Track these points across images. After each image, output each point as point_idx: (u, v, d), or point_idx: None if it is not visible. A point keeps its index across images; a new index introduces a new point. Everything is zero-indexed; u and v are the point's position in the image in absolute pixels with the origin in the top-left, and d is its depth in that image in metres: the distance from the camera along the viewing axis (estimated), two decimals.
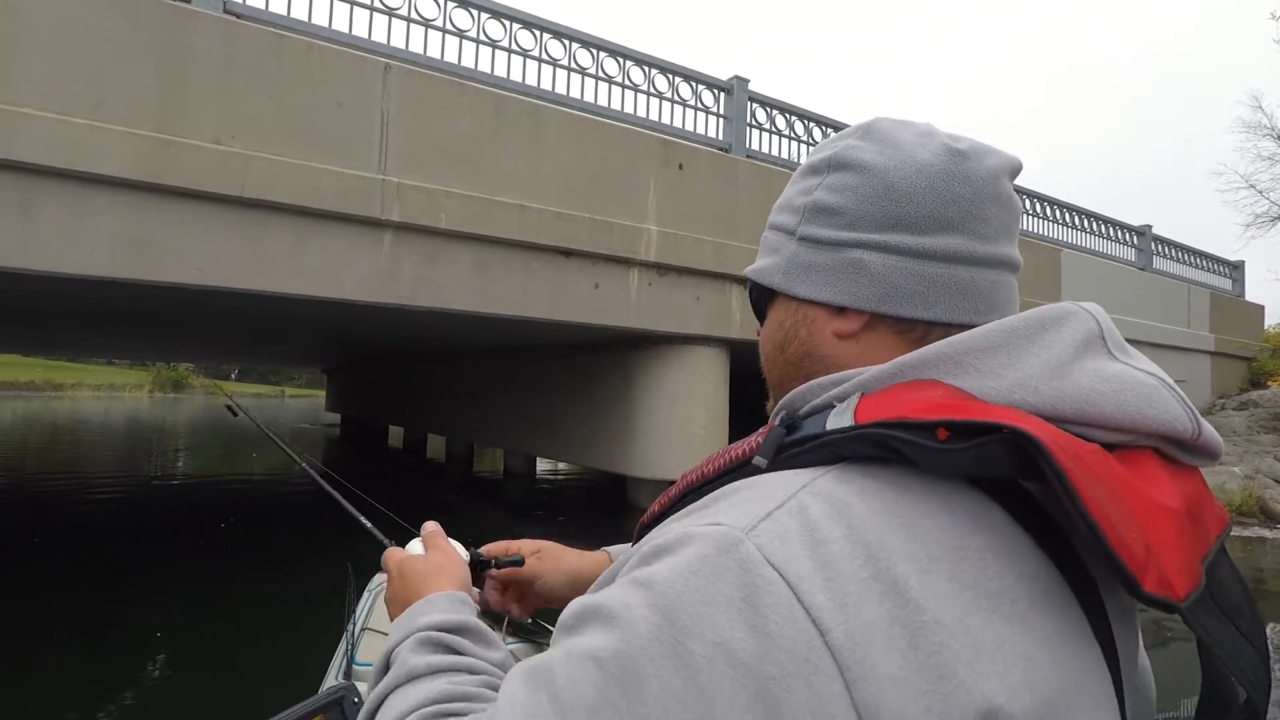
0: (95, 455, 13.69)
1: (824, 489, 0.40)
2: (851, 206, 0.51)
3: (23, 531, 6.07)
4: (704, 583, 0.36)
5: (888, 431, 0.40)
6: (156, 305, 6.16)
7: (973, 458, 0.38)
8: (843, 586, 0.36)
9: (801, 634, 0.34)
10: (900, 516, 0.38)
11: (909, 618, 0.35)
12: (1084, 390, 0.42)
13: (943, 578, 0.37)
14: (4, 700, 2.98)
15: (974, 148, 0.51)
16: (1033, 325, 0.44)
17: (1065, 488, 0.36)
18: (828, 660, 0.34)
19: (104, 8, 3.67)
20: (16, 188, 3.47)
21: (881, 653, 0.34)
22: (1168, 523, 0.39)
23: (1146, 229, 11.49)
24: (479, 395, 10.45)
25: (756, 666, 0.34)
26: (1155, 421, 0.42)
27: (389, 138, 4.50)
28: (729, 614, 0.35)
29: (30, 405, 30.47)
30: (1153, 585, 0.36)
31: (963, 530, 0.39)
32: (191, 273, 3.93)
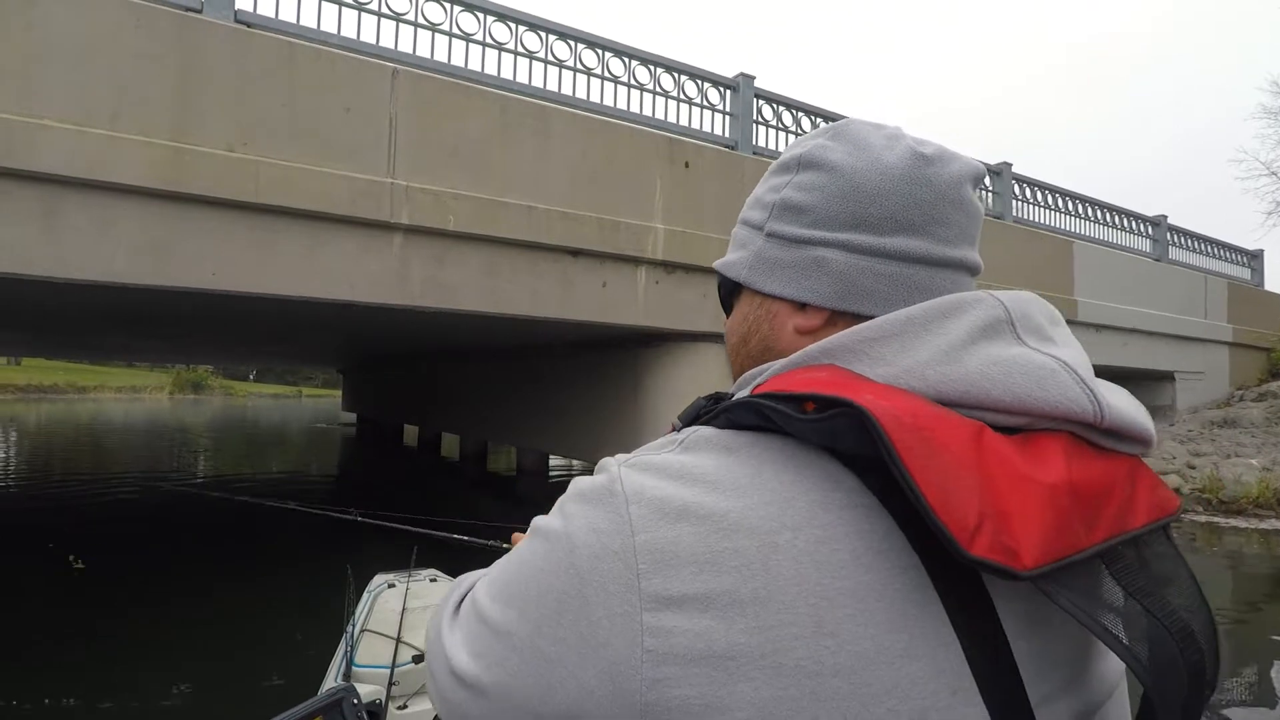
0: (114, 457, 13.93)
1: (693, 438, 0.45)
2: (817, 205, 0.53)
3: (40, 535, 6.18)
4: (581, 490, 0.45)
5: (762, 401, 0.44)
6: (175, 309, 6.30)
7: (825, 428, 0.41)
8: (667, 505, 0.41)
9: (618, 532, 0.41)
10: (747, 465, 0.42)
11: (715, 543, 0.39)
12: (971, 374, 0.43)
13: (764, 518, 0.40)
14: (6, 698, 3.02)
15: (939, 153, 0.53)
16: (930, 314, 0.46)
17: (889, 454, 0.38)
18: (629, 553, 0.40)
19: (120, 21, 3.76)
20: (39, 198, 3.58)
21: (678, 559, 0.40)
22: (1034, 496, 0.39)
23: (1162, 219, 11.37)
24: (491, 393, 10.55)
25: (579, 545, 0.42)
26: (1046, 403, 0.43)
27: (397, 141, 4.58)
28: (582, 509, 0.44)
29: (55, 407, 31.02)
30: (983, 549, 0.37)
31: (803, 486, 0.41)
32: (207, 277, 4.02)
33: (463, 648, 0.47)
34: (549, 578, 0.43)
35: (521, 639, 0.43)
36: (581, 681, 0.41)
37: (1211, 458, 9.28)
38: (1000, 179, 8.96)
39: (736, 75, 6.54)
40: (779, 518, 0.40)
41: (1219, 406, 11.38)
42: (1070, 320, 8.98)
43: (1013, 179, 9.07)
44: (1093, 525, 0.41)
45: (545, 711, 0.42)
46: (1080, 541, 0.40)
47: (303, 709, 0.86)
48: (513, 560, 0.47)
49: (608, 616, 0.40)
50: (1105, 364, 9.80)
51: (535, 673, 0.42)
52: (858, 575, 0.39)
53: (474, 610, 0.48)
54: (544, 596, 0.43)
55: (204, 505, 8.37)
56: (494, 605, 0.46)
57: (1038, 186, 9.48)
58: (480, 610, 0.47)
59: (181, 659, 3.52)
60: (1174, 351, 10.95)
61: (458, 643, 0.48)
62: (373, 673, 1.92)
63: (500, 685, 0.44)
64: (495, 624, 0.45)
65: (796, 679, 0.38)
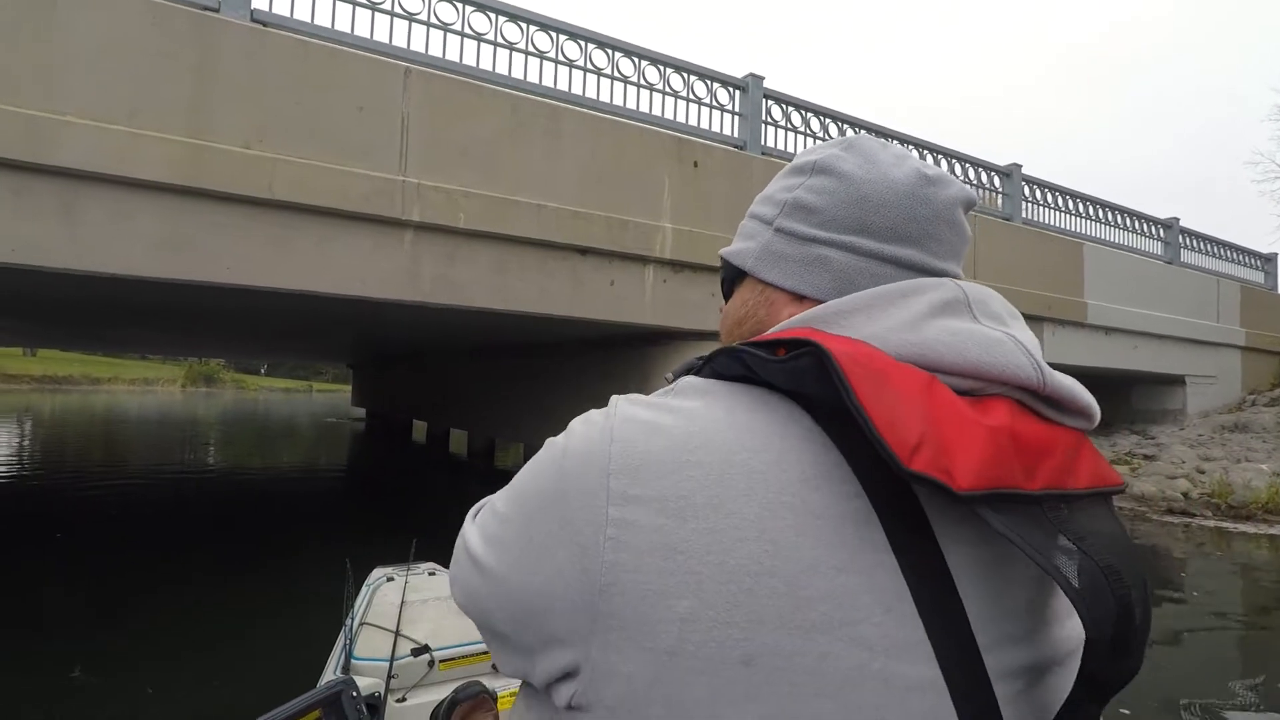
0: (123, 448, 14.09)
1: (681, 385, 0.51)
2: (827, 208, 0.57)
3: (45, 526, 6.23)
4: (588, 415, 0.51)
5: (740, 347, 0.50)
6: (189, 303, 6.39)
7: (791, 369, 0.46)
8: (644, 425, 0.47)
9: (601, 440, 0.47)
10: (721, 402, 0.48)
11: (679, 456, 0.45)
12: (929, 340, 0.48)
13: (727, 441, 0.45)
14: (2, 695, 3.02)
15: (939, 176, 0.58)
16: (896, 291, 0.52)
17: (839, 379, 0.43)
18: (604, 459, 0.46)
19: (139, 20, 3.84)
20: (60, 192, 3.66)
21: (648, 467, 0.45)
22: (974, 431, 0.43)
23: (1174, 221, 11.30)
24: (499, 390, 10.61)
25: (568, 452, 0.49)
26: (994, 367, 0.47)
27: (409, 140, 4.64)
28: (580, 428, 0.50)
29: (69, 398, 31.37)
30: (921, 465, 0.41)
31: (766, 420, 0.47)
32: (222, 272, 4.10)
33: (479, 535, 0.55)
34: (543, 477, 0.50)
35: (518, 526, 0.50)
36: (557, 562, 0.46)
37: (1221, 462, 9.23)
38: (1010, 180, 8.93)
39: (746, 76, 6.57)
40: (739, 440, 0.45)
41: (1230, 411, 11.30)
42: (1079, 323, 8.99)
43: (1022, 180, 9.04)
44: (1031, 474, 0.44)
45: (530, 588, 0.48)
46: (1018, 480, 0.43)
47: (301, 702, 0.88)
48: (525, 468, 0.54)
49: (581, 508, 0.46)
50: (1115, 367, 9.75)
51: (525, 554, 0.49)
52: (804, 494, 0.44)
53: (490, 507, 0.56)
54: (539, 493, 0.50)
55: (203, 497, 8.45)
56: (503, 500, 0.54)
57: (1047, 188, 9.44)
58: (494, 505, 0.55)
59: (178, 651, 3.53)
60: (1185, 355, 10.89)
61: (475, 533, 0.55)
62: (372, 665, 1.94)
63: (501, 564, 0.51)
64: (501, 515, 0.53)
65: (737, 576, 0.42)
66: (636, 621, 0.43)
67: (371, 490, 9.84)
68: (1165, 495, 8.47)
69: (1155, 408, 11.35)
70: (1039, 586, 0.49)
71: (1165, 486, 8.60)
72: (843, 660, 0.42)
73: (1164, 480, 8.74)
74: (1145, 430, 11.02)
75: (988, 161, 8.76)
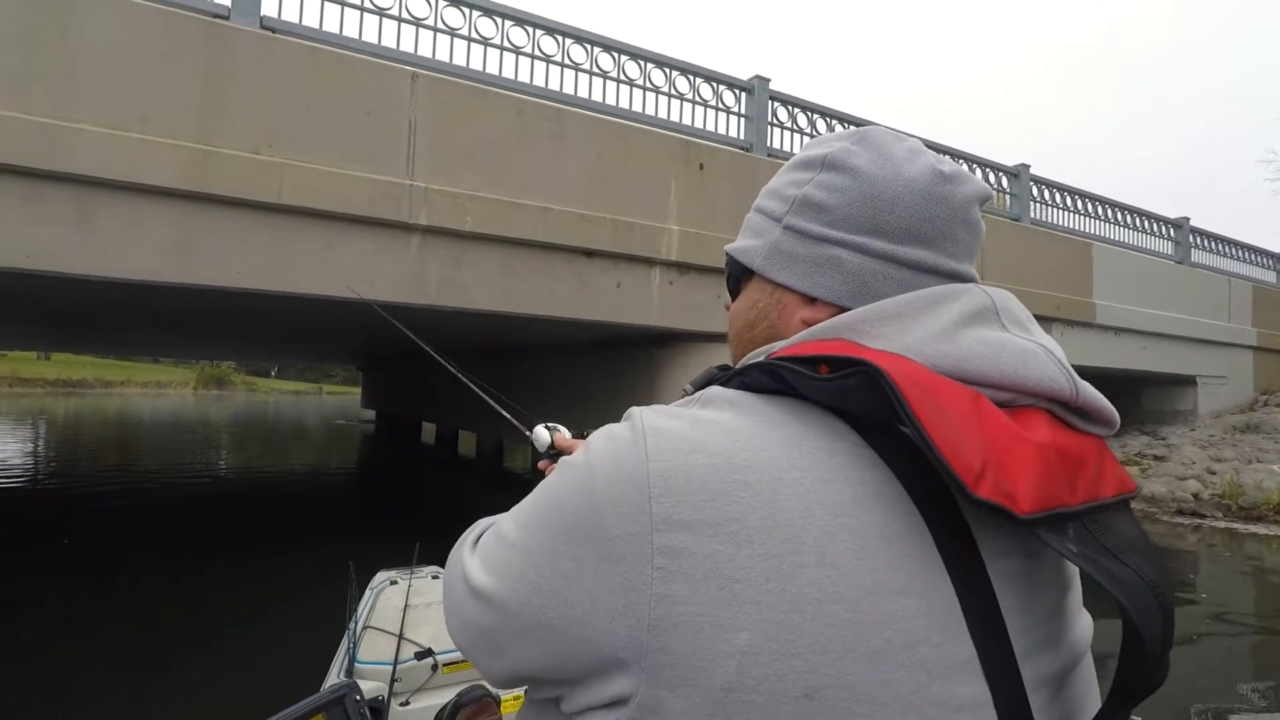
0: (135, 451, 14.21)
1: (712, 392, 0.50)
2: (838, 206, 0.55)
3: (55, 531, 6.22)
4: (607, 429, 0.50)
5: (778, 363, 0.48)
6: (200, 306, 6.45)
7: (838, 387, 0.45)
8: (682, 442, 0.44)
9: (635, 459, 0.45)
10: (759, 415, 0.46)
11: (725, 475, 0.43)
12: (964, 351, 0.47)
13: (775, 458, 0.43)
14: (3, 696, 3.03)
15: (956, 172, 0.56)
16: (926, 299, 0.50)
17: (900, 404, 0.42)
18: (643, 479, 0.43)
19: (150, 28, 3.89)
20: (74, 198, 3.71)
21: (689, 486, 0.42)
22: (1027, 451, 0.43)
23: (1184, 221, 11.23)
24: (507, 392, 10.61)
25: (598, 472, 0.46)
26: (1029, 380, 0.47)
27: (416, 144, 4.67)
28: (605, 444, 0.47)
29: (83, 401, 31.67)
30: (986, 491, 0.40)
31: (811, 434, 0.45)
32: (232, 275, 4.14)
33: (482, 567, 0.51)
34: (568, 502, 0.47)
35: (542, 556, 0.47)
36: (596, 596, 0.43)
37: (1232, 463, 9.16)
38: (1018, 180, 8.90)
39: (752, 78, 6.58)
40: (787, 458, 0.43)
41: (1242, 411, 11.21)
42: (1088, 323, 8.95)
43: (1030, 180, 9.01)
44: (1074, 487, 0.45)
45: (560, 624, 0.45)
46: (1066, 497, 0.44)
47: (305, 705, 0.87)
48: (538, 491, 0.51)
49: (621, 535, 0.43)
50: (1124, 367, 9.69)
51: (553, 587, 0.46)
52: (859, 515, 0.43)
53: (496, 535, 0.52)
54: (564, 518, 0.47)
55: (212, 500, 8.50)
56: (517, 528, 0.50)
57: (1056, 188, 9.40)
58: (502, 533, 0.52)
59: (182, 655, 3.54)
60: (1196, 355, 10.81)
61: (477, 564, 0.52)
62: (375, 669, 1.93)
63: (518, 598, 0.48)
64: (516, 543, 0.49)
65: (800, 604, 0.40)
66: (691, 657, 0.40)
67: (380, 492, 9.90)
68: (1175, 496, 8.42)
69: (1166, 408, 11.27)
70: (1058, 591, 0.50)
71: (1175, 487, 8.54)
72: (903, 685, 0.41)
73: (1174, 481, 8.69)
74: (1156, 431, 10.94)
75: (996, 162, 8.73)
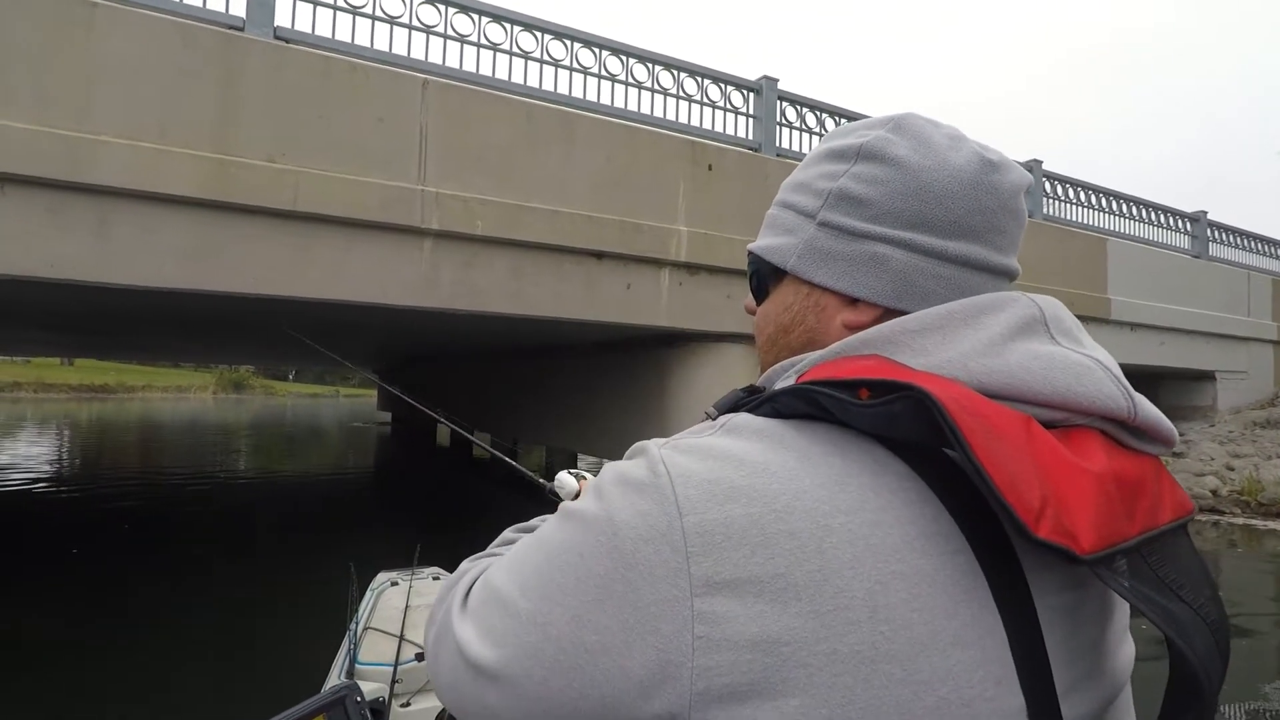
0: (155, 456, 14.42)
1: (736, 423, 0.45)
2: (880, 199, 0.51)
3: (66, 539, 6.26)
4: (620, 473, 0.45)
5: (815, 388, 0.44)
6: (218, 312, 6.57)
7: (883, 414, 0.41)
8: (715, 488, 0.40)
9: (665, 514, 0.40)
10: (795, 450, 0.42)
11: (768, 524, 0.39)
12: (1013, 367, 0.44)
13: (817, 500, 0.40)
14: (4, 700, 3.06)
15: (1002, 160, 0.52)
16: (970, 309, 0.47)
17: (955, 435, 0.38)
18: (678, 536, 0.40)
19: (168, 40, 3.98)
20: (95, 208, 3.80)
21: (730, 541, 0.39)
22: (1084, 483, 0.40)
23: (1201, 215, 11.10)
24: (521, 393, 10.73)
25: (623, 528, 0.41)
26: (1084, 398, 0.43)
27: (428, 149, 4.74)
28: (623, 492, 0.43)
29: (105, 406, 32.17)
30: (1047, 532, 0.37)
31: (852, 470, 0.41)
32: (248, 282, 4.23)
33: (482, 638, 0.45)
34: (589, 563, 0.42)
35: (559, 628, 0.42)
36: (627, 672, 0.39)
37: (1252, 459, 9.05)
38: (1031, 176, 8.86)
39: (760, 78, 6.60)
40: (832, 500, 0.40)
41: (1262, 406, 11.06)
42: (1103, 319, 8.87)
43: (1043, 176, 8.96)
44: (1132, 516, 0.42)
45: (584, 704, 0.41)
46: (1124, 529, 0.41)
47: (305, 706, 0.87)
48: (542, 546, 0.46)
49: (656, 602, 0.39)
50: (1141, 363, 9.61)
51: (575, 663, 0.41)
52: (911, 559, 0.40)
53: (494, 598, 0.46)
54: (583, 583, 0.42)
55: (207, 501, 8.52)
56: (521, 593, 0.44)
57: (1069, 183, 9.34)
58: (503, 598, 0.45)
59: (183, 656, 3.55)
60: (1215, 350, 10.69)
61: (473, 633, 0.46)
62: (376, 670, 1.93)
63: (532, 676, 0.42)
64: (524, 612, 0.44)
65: (851, 665, 0.37)
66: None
67: (396, 493, 10.00)
68: (1193, 493, 8.34)
69: (1185, 404, 11.14)
70: (1102, 622, 0.47)
71: (1193, 484, 8.46)
72: None
73: (1192, 478, 8.60)
74: (1174, 426, 10.84)
75: None
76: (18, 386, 39.45)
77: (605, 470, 0.47)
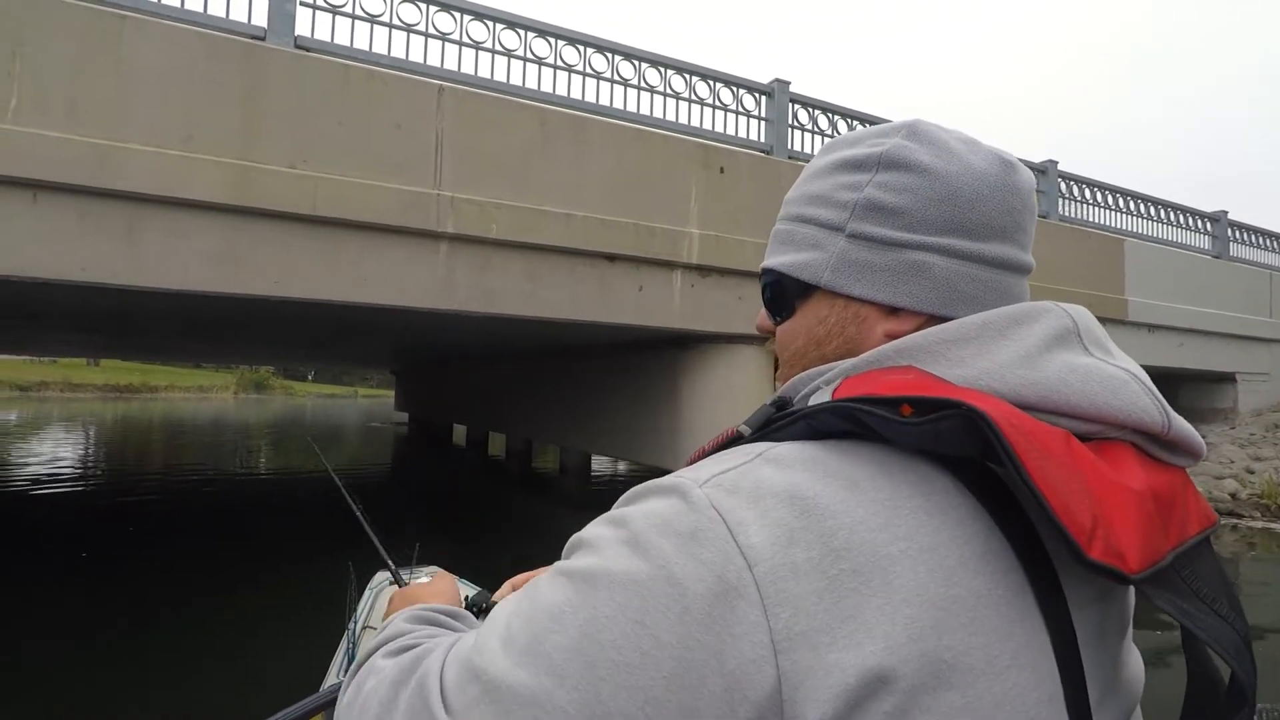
0: (176, 454, 14.69)
1: (778, 453, 0.43)
2: (911, 207, 0.51)
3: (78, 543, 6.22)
4: (661, 521, 0.41)
5: (855, 405, 0.43)
6: (239, 314, 6.71)
7: (929, 432, 0.40)
8: (775, 531, 0.39)
9: (731, 565, 0.38)
10: (842, 479, 0.41)
11: (831, 564, 0.38)
12: (1050, 379, 0.44)
13: (873, 530, 0.39)
14: (4, 701, 3.06)
15: (1015, 160, 0.53)
16: (1005, 320, 0.47)
17: (1010, 457, 0.38)
18: (751, 589, 0.37)
19: (193, 51, 4.11)
20: (124, 214, 3.94)
21: (800, 588, 0.37)
22: (1127, 501, 0.40)
23: (1221, 215, 10.97)
24: (535, 394, 10.83)
25: (689, 585, 0.38)
26: (1121, 412, 0.44)
27: (443, 155, 4.84)
28: (675, 544, 0.39)
29: (129, 406, 32.75)
30: (1099, 553, 0.38)
31: (902, 493, 0.41)
32: (270, 285, 4.34)
33: None
34: (655, 630, 0.38)
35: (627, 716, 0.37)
36: None
37: (1273, 462, 8.93)
38: (1046, 177, 8.81)
39: (772, 81, 6.64)
40: (887, 528, 0.39)
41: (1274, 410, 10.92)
42: (1120, 320, 8.81)
43: (1059, 176, 8.91)
44: (1166, 532, 0.42)
45: None
46: (1162, 545, 0.41)
47: (303, 706, 0.86)
48: (563, 618, 0.40)
49: (741, 667, 0.37)
50: (1159, 365, 9.52)
51: None
52: (967, 580, 0.40)
53: (508, 693, 0.39)
54: (651, 656, 0.37)
55: (205, 501, 8.52)
56: (557, 681, 0.38)
57: (1085, 184, 9.28)
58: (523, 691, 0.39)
59: (180, 655, 3.55)
60: (1236, 352, 10.56)
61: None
62: None
63: None
64: (567, 705, 0.38)
65: (916, 696, 0.37)
66: None
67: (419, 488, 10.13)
68: (1212, 496, 8.25)
69: (1205, 406, 11.01)
70: (1121, 633, 0.49)
71: (1212, 487, 8.37)
72: None
73: (1211, 481, 8.51)
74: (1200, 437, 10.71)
75: (1022, 159, 8.67)
76: (45, 386, 40.27)
77: (634, 516, 0.42)
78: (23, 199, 3.73)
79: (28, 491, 8.67)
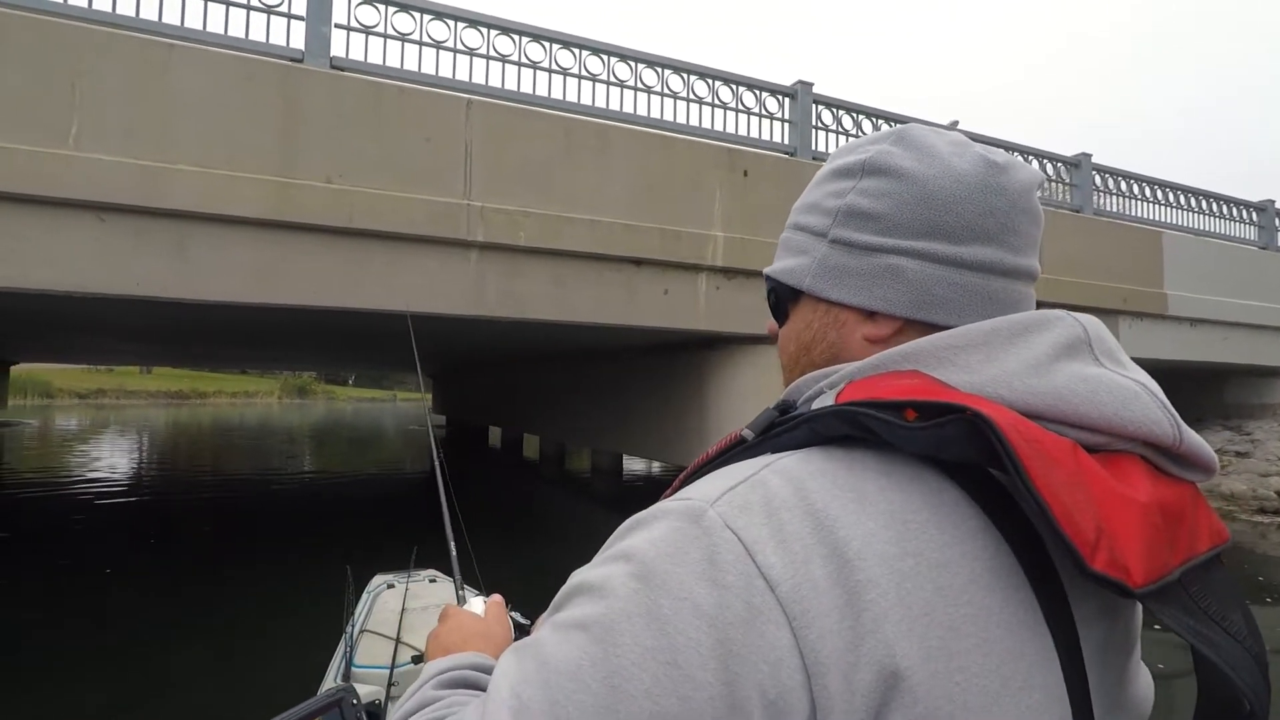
0: (227, 457, 15.17)
1: (785, 466, 0.42)
2: (889, 212, 0.51)
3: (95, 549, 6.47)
4: (673, 548, 0.39)
5: (859, 409, 0.42)
6: (282, 323, 6.98)
7: (933, 436, 0.40)
8: (791, 548, 0.38)
9: (754, 588, 0.37)
10: (850, 490, 0.41)
11: (847, 577, 0.38)
12: (1059, 389, 0.43)
13: (885, 542, 0.39)
14: (3, 702, 3.09)
15: (1008, 160, 0.52)
16: (1014, 327, 0.46)
17: (1014, 464, 0.38)
18: (777, 611, 0.37)
19: (234, 75, 4.33)
20: (174, 231, 4.17)
21: (822, 605, 0.37)
22: (1132, 513, 0.40)
23: (1268, 204, 10.62)
24: (566, 396, 10.98)
25: (717, 615, 0.37)
26: (1131, 423, 0.42)
27: (472, 166, 5.00)
28: (694, 572, 0.38)
29: (179, 412, 33.90)
30: (1102, 565, 0.37)
31: (912, 505, 0.41)
32: (309, 295, 4.54)
33: None
34: (690, 671, 0.36)
35: None
36: None
37: None
38: (1079, 170, 8.65)
39: (794, 83, 6.68)
40: (898, 543, 0.39)
41: None
42: (1159, 315, 8.62)
43: (1093, 170, 8.75)
44: (1174, 546, 0.41)
45: None
46: (1168, 560, 0.41)
47: (300, 710, 0.86)
48: (581, 673, 0.37)
49: (781, 696, 0.36)
50: (1202, 360, 9.26)
51: None
52: (978, 598, 0.39)
53: None
54: (690, 701, 0.36)
55: (204, 505, 8.60)
56: None
57: (1121, 176, 9.09)
58: None
59: (177, 659, 3.56)
60: None
61: None
62: (372, 673, 1.88)
63: None
64: None
65: (933, 718, 0.37)
66: None
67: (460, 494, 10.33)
68: (1257, 494, 8.02)
69: (1252, 401, 10.67)
70: (1127, 651, 0.48)
71: (1257, 485, 8.14)
72: None
73: (1256, 478, 8.27)
74: (1240, 426, 10.39)
75: (1053, 153, 8.52)
76: (101, 394, 41.96)
77: (639, 548, 0.40)
78: (91, 221, 3.99)
79: (93, 500, 9.07)
